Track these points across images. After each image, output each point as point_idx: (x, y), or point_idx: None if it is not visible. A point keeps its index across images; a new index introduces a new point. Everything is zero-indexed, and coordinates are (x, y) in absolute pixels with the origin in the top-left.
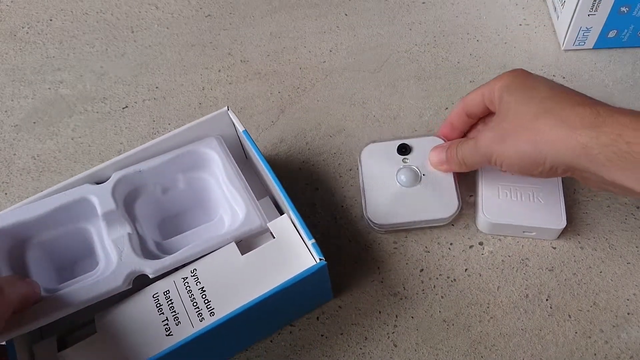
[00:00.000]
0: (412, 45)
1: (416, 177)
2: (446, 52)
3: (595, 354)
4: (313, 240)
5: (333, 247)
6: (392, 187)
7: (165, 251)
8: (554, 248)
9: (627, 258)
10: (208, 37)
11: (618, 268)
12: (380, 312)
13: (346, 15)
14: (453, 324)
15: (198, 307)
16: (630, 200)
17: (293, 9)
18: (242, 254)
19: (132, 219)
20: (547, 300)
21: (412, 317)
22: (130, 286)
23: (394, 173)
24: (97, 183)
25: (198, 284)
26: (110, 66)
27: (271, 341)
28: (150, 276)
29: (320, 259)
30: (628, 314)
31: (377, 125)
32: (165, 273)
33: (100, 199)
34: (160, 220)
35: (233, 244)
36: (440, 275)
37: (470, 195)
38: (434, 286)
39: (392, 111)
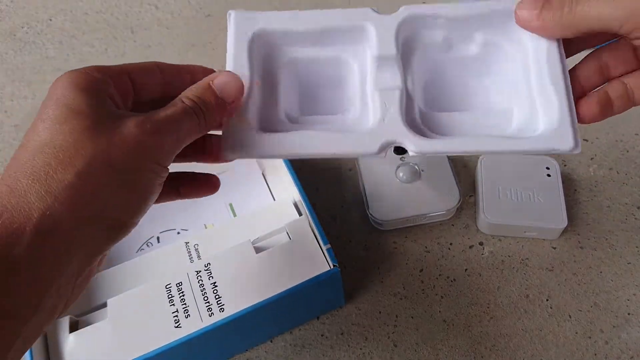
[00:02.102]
0: None
1: (415, 173)
2: None
3: (595, 354)
4: (328, 246)
5: (333, 247)
6: (393, 184)
7: (429, 126)
8: (554, 248)
9: (627, 258)
10: (208, 37)
11: (618, 268)
12: (380, 312)
13: None
14: (453, 324)
15: (209, 302)
16: (630, 200)
17: (293, 9)
18: (256, 253)
19: (405, 72)
20: (547, 300)
21: (412, 317)
22: (384, 157)
23: (393, 171)
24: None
25: (211, 278)
26: None
27: (271, 341)
28: (411, 154)
29: (334, 265)
30: (628, 314)
31: None
32: (180, 266)
33: (380, 35)
34: (428, 80)
35: (248, 242)
36: (440, 275)
37: (470, 196)
38: (434, 286)
39: None
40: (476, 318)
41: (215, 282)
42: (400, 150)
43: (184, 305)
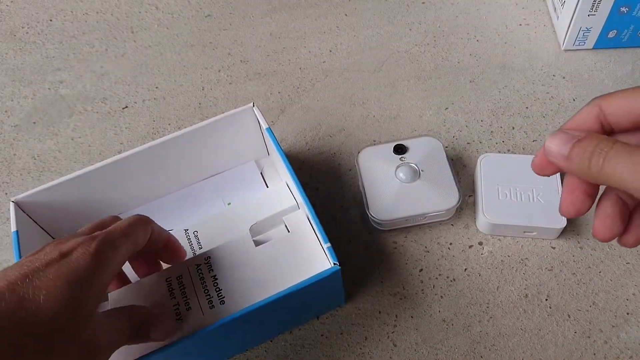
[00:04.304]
0: (412, 45)
1: (415, 173)
2: (446, 52)
3: (594, 354)
4: (329, 244)
5: (333, 247)
6: (393, 184)
7: None
8: (554, 248)
9: (626, 258)
10: (208, 37)
11: (617, 268)
12: (380, 312)
13: (346, 15)
14: (452, 324)
15: (209, 295)
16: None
17: (293, 9)
18: (255, 246)
19: None
20: (546, 300)
21: (411, 317)
22: None
23: (392, 171)
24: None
25: (211, 271)
26: (110, 66)
27: (271, 341)
28: None
29: (334, 264)
30: (627, 314)
31: (377, 125)
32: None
33: None
34: None
35: (248, 235)
36: (439, 275)
37: (470, 196)
38: (434, 286)
39: (392, 111)
40: (475, 318)
41: (215, 275)
42: (399, 150)
43: (185, 298)
